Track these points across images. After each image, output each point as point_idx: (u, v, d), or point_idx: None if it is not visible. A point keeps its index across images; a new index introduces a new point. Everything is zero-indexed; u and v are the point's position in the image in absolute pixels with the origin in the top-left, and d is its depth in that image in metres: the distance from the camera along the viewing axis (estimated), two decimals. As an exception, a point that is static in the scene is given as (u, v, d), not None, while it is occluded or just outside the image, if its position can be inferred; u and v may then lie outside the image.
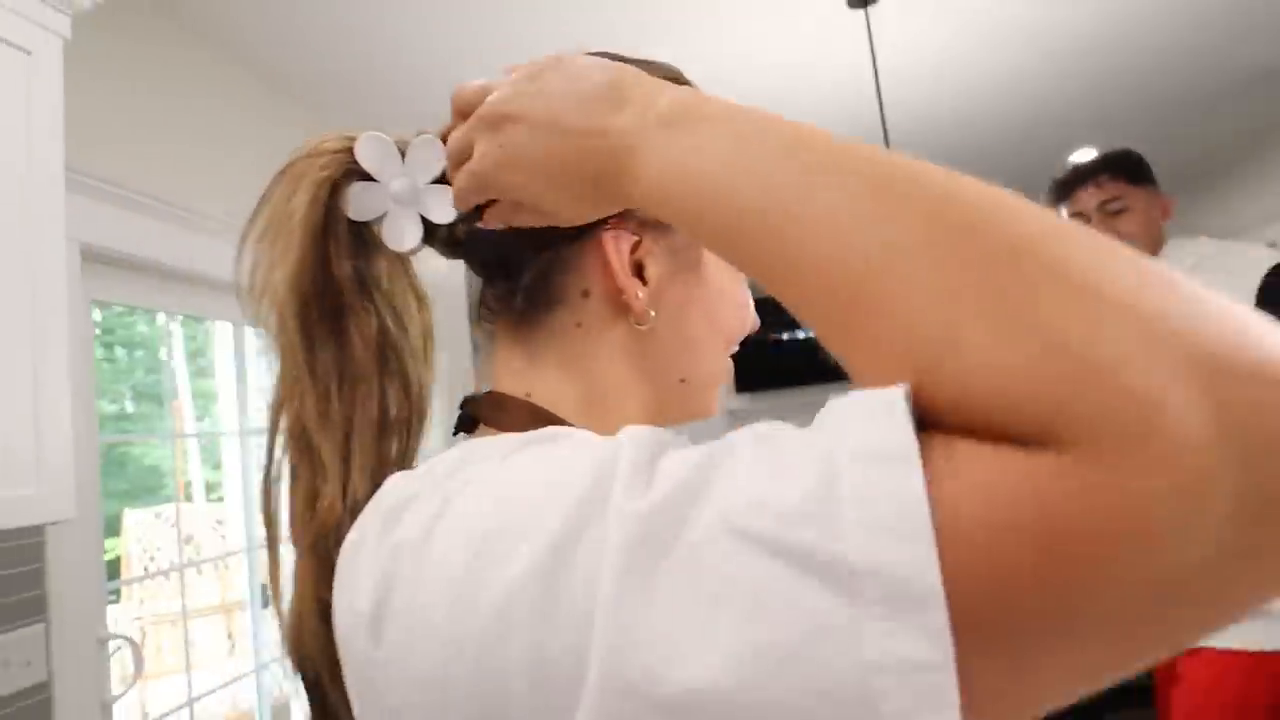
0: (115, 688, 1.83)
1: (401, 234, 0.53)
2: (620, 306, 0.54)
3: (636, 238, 0.54)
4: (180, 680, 2.20)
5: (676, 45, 2.82)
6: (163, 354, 2.83)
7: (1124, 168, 1.71)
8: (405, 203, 0.52)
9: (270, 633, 2.50)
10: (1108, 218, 1.67)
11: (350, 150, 0.52)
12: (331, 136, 0.53)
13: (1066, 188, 1.73)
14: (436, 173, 0.52)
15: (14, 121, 1.44)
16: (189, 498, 3.33)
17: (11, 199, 1.41)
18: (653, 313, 0.54)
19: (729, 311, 0.60)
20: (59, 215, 1.50)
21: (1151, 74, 3.45)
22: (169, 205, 2.11)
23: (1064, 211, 1.73)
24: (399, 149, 0.52)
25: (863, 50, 2.78)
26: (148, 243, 2.03)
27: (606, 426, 0.43)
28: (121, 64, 2.11)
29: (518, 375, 0.54)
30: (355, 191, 0.52)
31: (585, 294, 0.54)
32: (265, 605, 2.51)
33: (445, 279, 0.68)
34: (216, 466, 3.32)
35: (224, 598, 3.17)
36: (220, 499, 3.12)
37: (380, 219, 0.53)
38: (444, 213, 0.52)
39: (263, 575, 2.44)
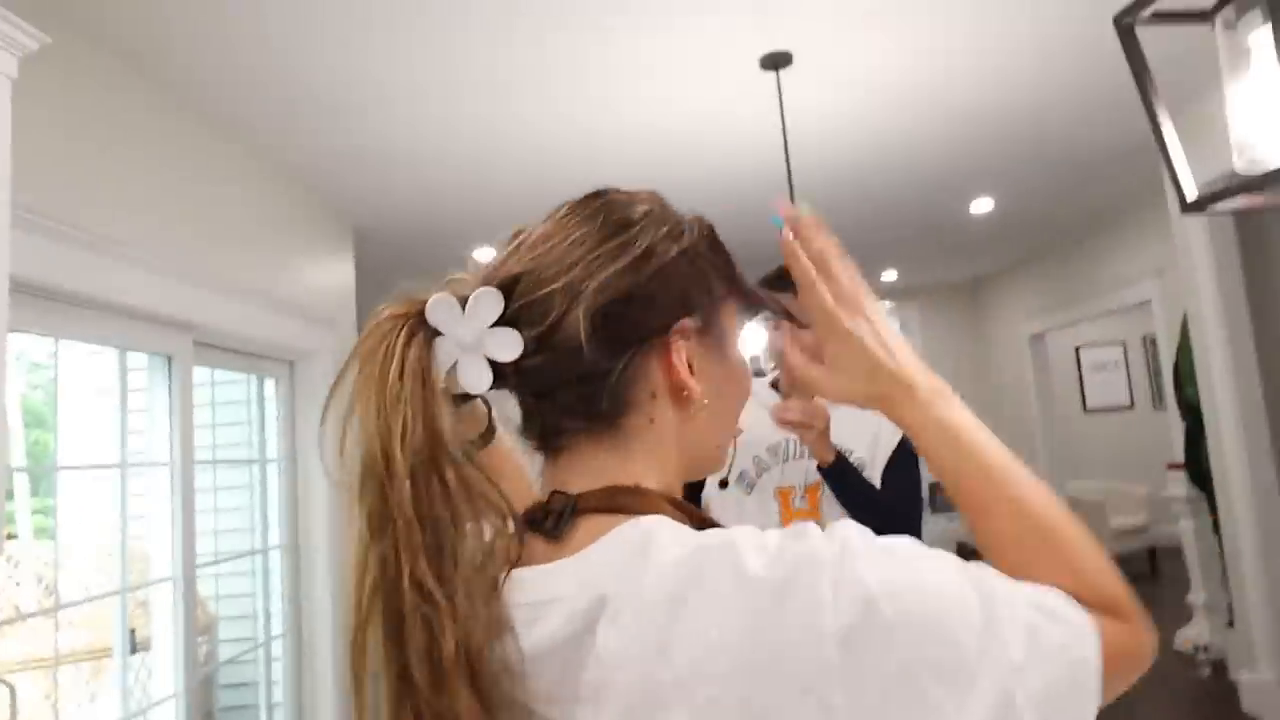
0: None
1: (477, 377, 0.58)
2: (679, 399, 0.63)
3: (689, 337, 0.63)
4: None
5: (601, 87, 2.86)
6: None
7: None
8: (472, 349, 0.58)
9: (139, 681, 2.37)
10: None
11: (420, 312, 0.58)
12: (398, 302, 0.59)
13: (780, 285, 1.84)
14: (493, 319, 0.58)
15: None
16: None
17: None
18: (706, 401, 0.64)
19: (745, 378, 0.71)
20: (5, 249, 1.44)
21: (1040, 138, 3.61)
22: (32, 214, 2.03)
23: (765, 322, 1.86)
24: (459, 301, 0.59)
25: (773, 108, 2.86)
26: (61, 270, 1.97)
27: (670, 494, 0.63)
28: (61, 100, 2.06)
29: (616, 471, 0.62)
30: (435, 348, 0.58)
31: (653, 395, 0.63)
32: (134, 651, 2.37)
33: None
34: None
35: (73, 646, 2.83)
36: (51, 538, 2.80)
37: (453, 367, 0.58)
38: (507, 352, 0.58)
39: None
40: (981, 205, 4.65)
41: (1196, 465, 4.15)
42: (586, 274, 0.59)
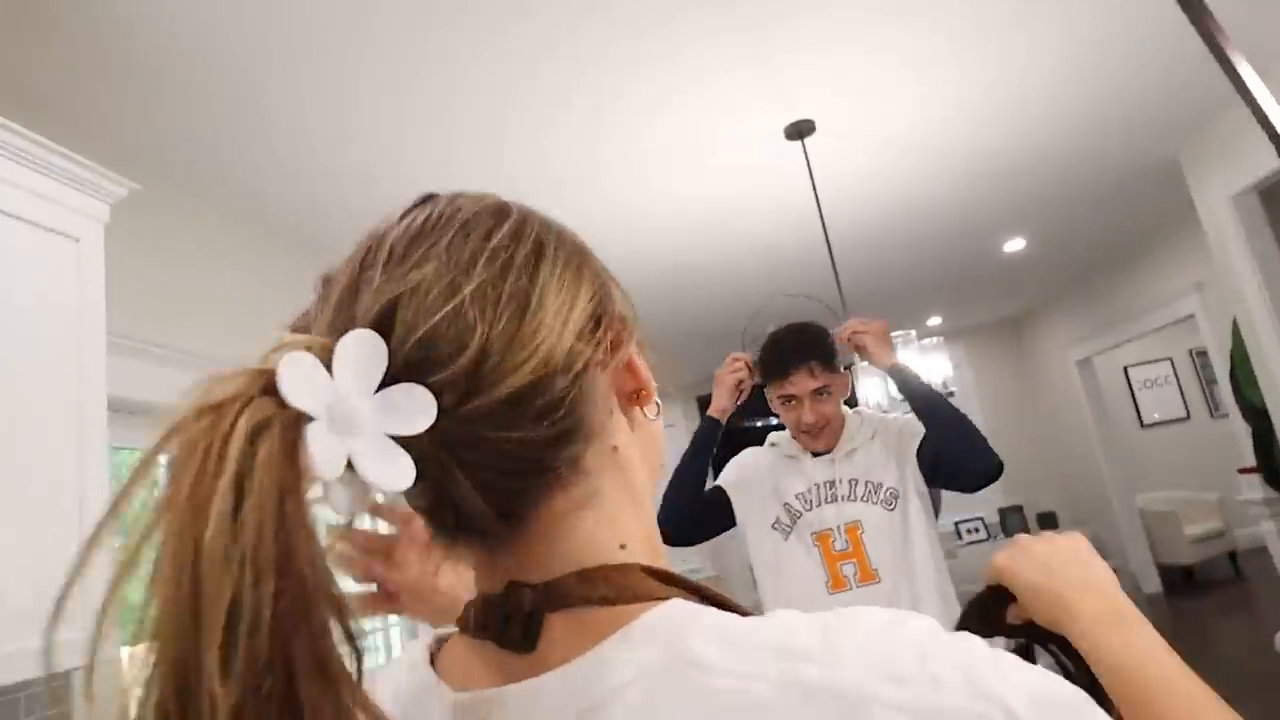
0: None
1: (390, 471, 0.36)
2: (634, 405, 0.49)
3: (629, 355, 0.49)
4: None
5: (631, 183, 2.98)
6: None
7: (830, 357, 1.78)
8: (363, 431, 0.36)
9: None
10: (816, 401, 1.76)
11: (268, 386, 0.34)
12: (224, 378, 0.35)
13: (782, 368, 1.77)
14: (379, 375, 0.37)
15: (66, 299, 1.56)
16: None
17: (67, 362, 1.53)
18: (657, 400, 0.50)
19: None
20: (102, 373, 1.60)
21: (1060, 171, 3.64)
22: (129, 339, 2.19)
23: (778, 387, 1.80)
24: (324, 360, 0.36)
25: (803, 174, 2.95)
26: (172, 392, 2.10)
27: (650, 542, 0.47)
28: (153, 239, 2.24)
29: (593, 532, 0.43)
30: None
31: (611, 412, 0.46)
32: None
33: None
34: None
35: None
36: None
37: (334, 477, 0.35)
38: (418, 417, 0.37)
39: None
40: (1014, 245, 4.66)
41: (1270, 466, 4.02)
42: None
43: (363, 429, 0.35)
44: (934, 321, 6.62)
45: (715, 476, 1.90)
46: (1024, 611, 0.63)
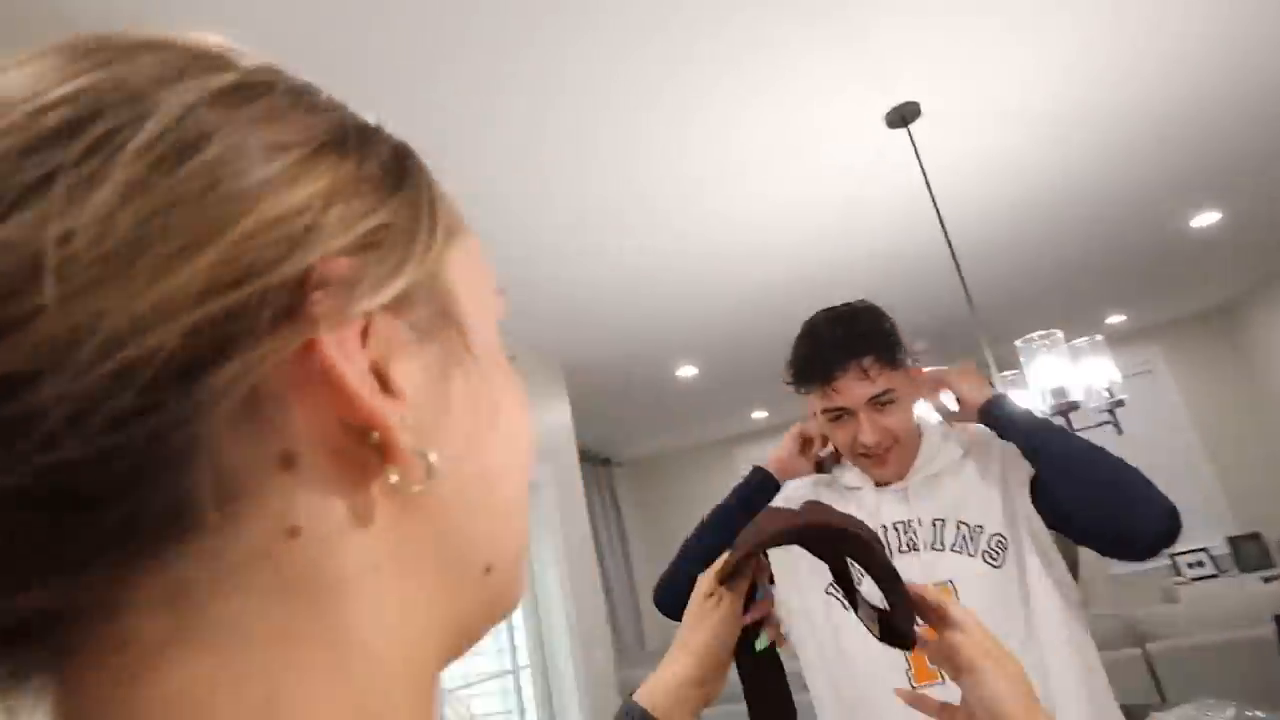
0: None
1: None
2: (359, 462, 0.25)
3: (367, 320, 0.25)
4: None
5: (728, 194, 2.73)
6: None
7: (890, 349, 1.27)
8: None
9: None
10: (875, 412, 1.25)
11: None
12: None
13: (824, 371, 1.26)
14: None
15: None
16: None
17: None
18: (432, 455, 0.26)
19: (524, 414, 0.34)
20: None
21: (1261, 128, 2.96)
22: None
23: (818, 403, 1.28)
24: None
25: (911, 162, 2.56)
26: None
27: None
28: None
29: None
30: None
31: (288, 462, 0.24)
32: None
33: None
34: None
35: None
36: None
37: None
38: None
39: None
40: (1204, 219, 3.89)
41: None
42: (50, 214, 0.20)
43: None
44: (1115, 320, 5.70)
45: None
46: None
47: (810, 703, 1.27)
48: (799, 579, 1.31)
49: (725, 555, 0.81)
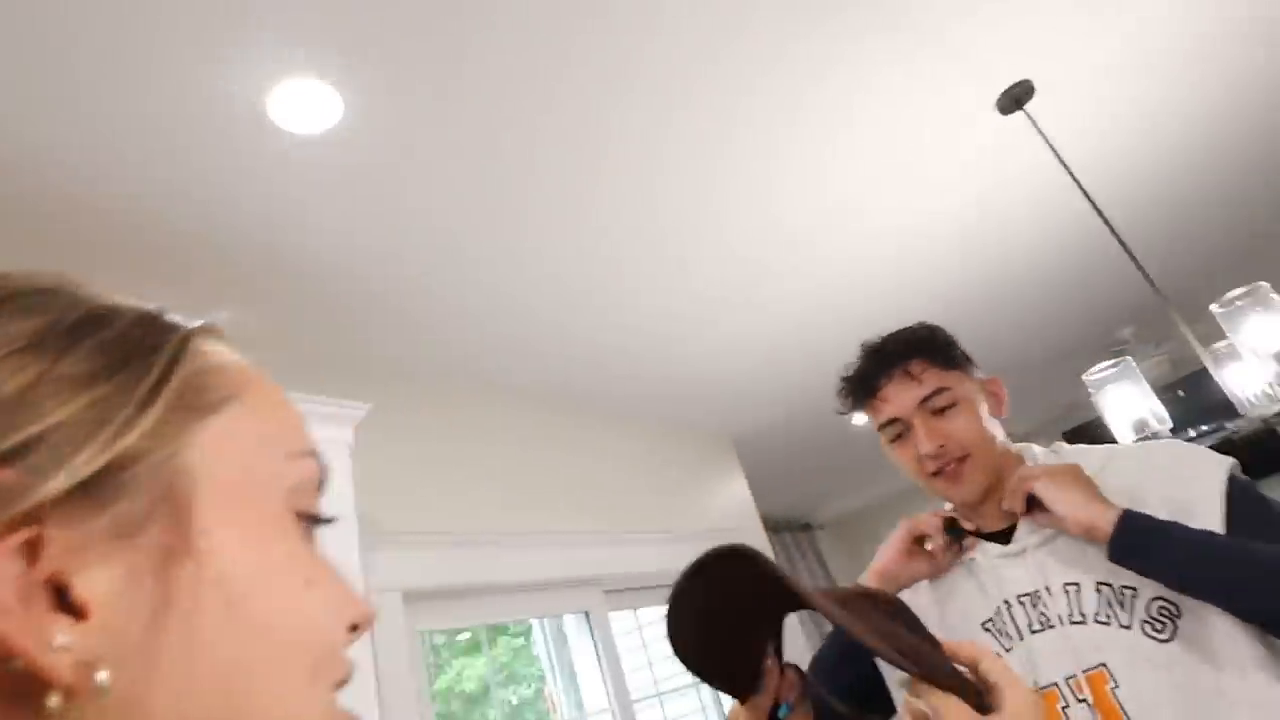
0: None
1: None
2: (18, 687, 0.24)
3: (34, 531, 0.24)
4: None
5: (862, 224, 2.71)
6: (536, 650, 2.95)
7: (942, 351, 1.14)
8: None
9: None
10: (930, 416, 1.11)
11: None
12: None
13: (871, 383, 1.16)
14: None
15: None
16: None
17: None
18: (100, 675, 0.25)
19: (310, 593, 0.31)
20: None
21: None
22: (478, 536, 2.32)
23: (874, 414, 1.18)
24: None
25: (1037, 147, 2.46)
26: (463, 571, 2.23)
27: None
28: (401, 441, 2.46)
29: None
30: None
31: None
32: None
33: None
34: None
35: None
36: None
37: None
38: None
39: None
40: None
41: None
42: None
43: None
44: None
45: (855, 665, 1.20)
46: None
47: None
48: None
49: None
